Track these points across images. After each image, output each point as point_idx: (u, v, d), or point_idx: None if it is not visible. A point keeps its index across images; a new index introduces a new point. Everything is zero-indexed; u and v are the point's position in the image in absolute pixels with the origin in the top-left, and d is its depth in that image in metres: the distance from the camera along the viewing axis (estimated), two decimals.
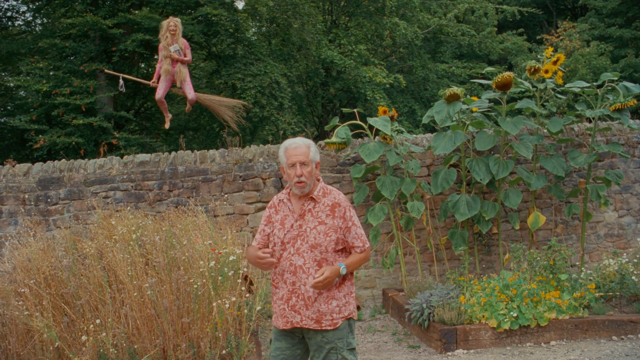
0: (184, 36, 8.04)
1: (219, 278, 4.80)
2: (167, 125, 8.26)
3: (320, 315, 3.11)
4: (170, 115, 8.19)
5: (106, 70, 9.62)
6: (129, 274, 4.78)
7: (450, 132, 6.32)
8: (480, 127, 6.48)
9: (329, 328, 3.12)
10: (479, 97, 6.74)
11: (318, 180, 3.26)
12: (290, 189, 3.27)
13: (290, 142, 3.21)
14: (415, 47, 15.73)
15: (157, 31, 8.28)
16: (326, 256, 3.12)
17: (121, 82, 8.04)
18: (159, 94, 7.61)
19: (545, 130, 7.07)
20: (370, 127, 6.72)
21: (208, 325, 4.59)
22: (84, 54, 12.15)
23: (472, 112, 6.62)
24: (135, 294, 4.65)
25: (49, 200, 6.97)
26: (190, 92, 7.64)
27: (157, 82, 7.65)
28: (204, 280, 4.70)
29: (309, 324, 3.12)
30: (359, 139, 7.40)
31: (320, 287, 3.05)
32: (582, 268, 6.56)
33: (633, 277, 5.89)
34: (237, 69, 12.63)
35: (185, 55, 7.57)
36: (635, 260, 6.25)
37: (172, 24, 7.47)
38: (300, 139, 3.22)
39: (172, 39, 7.47)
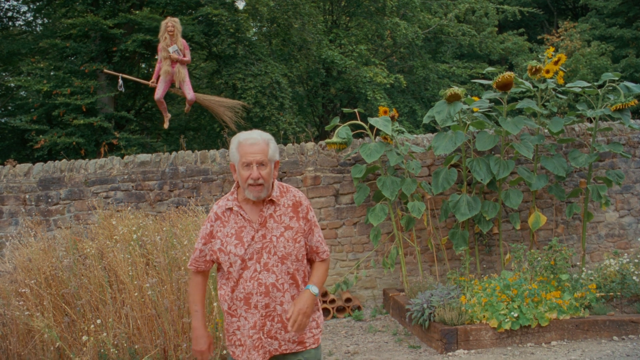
0: (185, 36, 8.05)
1: None
2: (166, 125, 8.28)
3: (302, 335, 2.72)
4: (169, 115, 8.21)
5: (105, 70, 9.62)
6: (130, 274, 4.78)
7: (451, 132, 6.32)
8: (481, 127, 6.48)
9: (313, 346, 2.75)
10: (480, 97, 6.74)
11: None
12: (237, 194, 2.73)
13: (245, 137, 2.64)
14: (415, 47, 15.73)
15: (157, 31, 8.29)
16: (298, 266, 2.69)
17: (120, 82, 8.05)
18: (158, 94, 7.63)
19: (546, 130, 7.07)
20: (371, 127, 6.72)
21: (208, 325, 4.59)
22: (85, 54, 12.16)
23: (472, 112, 6.62)
24: (136, 294, 4.65)
25: (49, 200, 6.97)
26: (189, 93, 7.66)
27: (157, 82, 7.67)
28: None
29: (291, 348, 2.71)
30: (360, 139, 7.40)
31: (301, 323, 2.58)
32: (583, 268, 6.56)
33: (634, 277, 5.88)
34: (237, 69, 12.64)
35: (184, 56, 7.58)
36: (636, 261, 6.24)
37: (170, 24, 7.49)
38: (257, 133, 2.67)
39: (171, 40, 7.48)
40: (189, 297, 2.84)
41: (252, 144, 2.60)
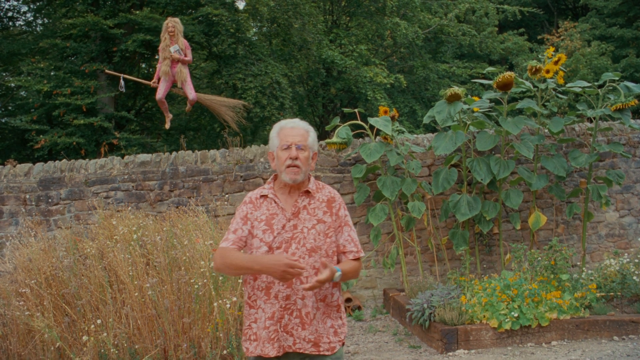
0: (185, 36, 8.05)
1: (220, 278, 4.80)
2: (167, 126, 8.29)
3: (318, 337, 2.59)
4: (170, 116, 8.21)
5: (107, 71, 9.63)
6: (130, 274, 4.78)
7: (451, 132, 6.31)
8: (481, 127, 6.48)
9: (326, 353, 2.61)
10: (480, 97, 6.74)
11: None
12: (273, 184, 2.70)
13: (287, 122, 2.69)
14: (416, 47, 15.73)
15: (158, 31, 8.31)
16: (327, 262, 2.56)
17: (122, 82, 8.05)
18: (159, 94, 7.64)
19: (546, 130, 7.07)
20: (371, 127, 6.72)
21: (209, 325, 4.59)
22: (85, 54, 12.16)
23: (473, 112, 6.61)
24: (136, 294, 4.65)
25: (50, 200, 6.97)
26: (191, 92, 7.66)
27: (158, 83, 7.67)
28: (205, 281, 4.70)
29: (305, 348, 2.57)
30: (360, 139, 7.40)
31: (315, 288, 2.50)
32: (583, 268, 6.56)
33: (634, 277, 5.88)
34: (238, 69, 12.64)
35: (185, 56, 7.58)
36: (636, 261, 6.24)
37: (171, 24, 7.49)
38: (299, 121, 2.71)
39: (172, 40, 7.49)
40: (237, 259, 2.53)
41: (293, 127, 2.64)
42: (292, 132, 2.62)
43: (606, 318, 5.44)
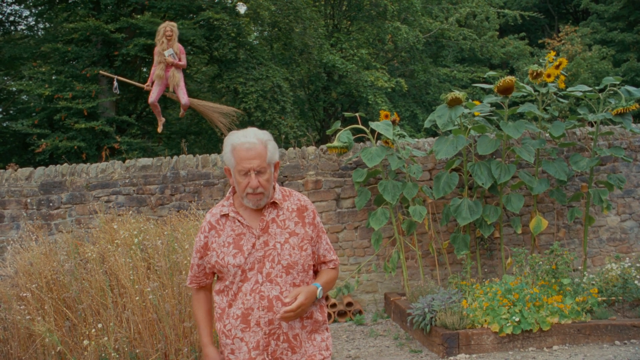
0: (186, 40, 8.07)
1: None
2: (160, 129, 8.28)
3: (311, 357, 2.40)
4: (163, 120, 8.21)
5: (101, 72, 9.64)
6: (131, 278, 4.77)
7: (452, 137, 6.32)
8: (482, 131, 6.48)
9: None
10: (481, 101, 6.74)
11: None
12: (233, 199, 2.46)
13: (240, 140, 2.32)
14: (417, 51, 15.76)
15: None
16: (304, 278, 2.39)
17: (115, 83, 8.08)
18: (152, 97, 7.66)
19: (547, 134, 7.07)
20: (372, 131, 6.72)
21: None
22: (86, 58, 12.19)
23: (474, 116, 6.62)
24: (137, 298, 4.64)
25: (51, 204, 6.98)
26: (183, 97, 7.66)
27: (151, 86, 7.68)
28: None
29: None
30: (361, 143, 7.40)
31: (292, 318, 2.29)
32: (585, 272, 6.55)
33: (636, 282, 5.87)
34: (239, 73, 12.66)
35: (180, 60, 7.59)
36: (638, 265, 6.24)
37: (169, 29, 7.51)
38: (252, 133, 2.35)
39: (168, 44, 7.51)
40: (195, 316, 2.55)
41: (249, 148, 2.29)
42: (247, 154, 2.28)
43: (608, 322, 5.43)
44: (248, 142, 2.31)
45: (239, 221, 2.38)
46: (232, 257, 2.34)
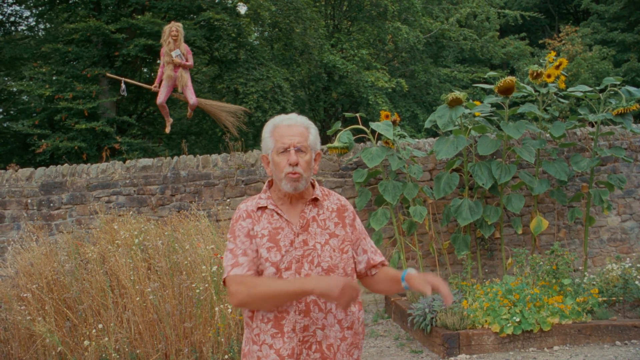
0: (186, 41, 8.08)
1: (221, 283, 4.81)
2: (167, 130, 8.30)
3: None
4: (171, 120, 8.23)
5: (108, 75, 9.66)
6: (132, 278, 4.78)
7: (453, 137, 6.32)
8: (482, 131, 6.48)
9: None
10: (482, 102, 6.74)
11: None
12: (270, 192, 2.24)
13: (282, 118, 2.19)
14: (417, 52, 15.75)
15: (159, 36, 8.32)
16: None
17: (123, 86, 8.07)
18: (160, 98, 7.66)
19: (547, 135, 7.07)
20: (373, 132, 6.72)
21: (210, 330, 4.59)
22: (87, 58, 12.20)
23: (474, 116, 6.62)
24: (138, 298, 4.65)
25: (51, 204, 6.98)
26: (191, 97, 7.68)
27: (159, 87, 7.69)
28: (206, 285, 4.70)
29: None
30: (362, 144, 7.40)
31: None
32: (585, 273, 6.55)
33: (636, 282, 5.87)
34: (239, 73, 12.67)
35: (187, 60, 7.60)
36: (638, 265, 6.23)
37: (174, 29, 7.51)
38: (296, 115, 2.20)
39: (175, 45, 7.51)
40: (269, 288, 2.03)
41: (290, 124, 2.14)
42: (289, 130, 2.13)
43: (608, 323, 5.42)
44: (290, 119, 2.17)
45: (277, 214, 2.16)
46: (266, 251, 2.11)
